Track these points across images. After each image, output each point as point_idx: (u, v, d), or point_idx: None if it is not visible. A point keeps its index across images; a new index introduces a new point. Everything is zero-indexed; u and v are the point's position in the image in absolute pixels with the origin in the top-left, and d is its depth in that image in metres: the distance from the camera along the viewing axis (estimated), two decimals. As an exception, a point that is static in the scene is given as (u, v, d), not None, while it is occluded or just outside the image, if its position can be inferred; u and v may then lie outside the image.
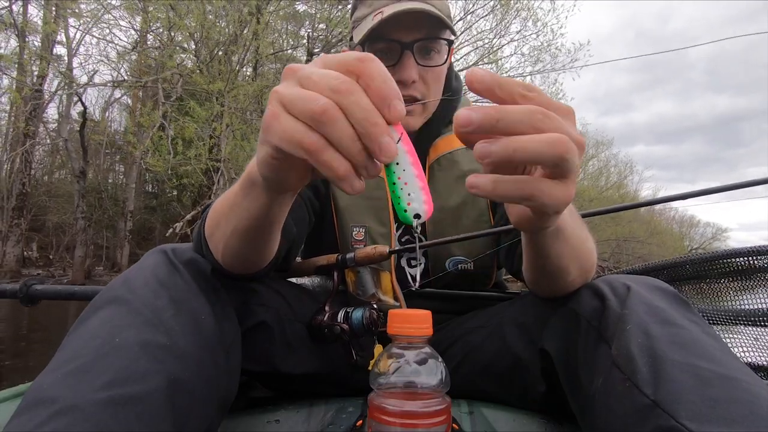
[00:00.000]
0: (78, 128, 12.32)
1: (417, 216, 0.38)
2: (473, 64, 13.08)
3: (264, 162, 0.42)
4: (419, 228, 0.39)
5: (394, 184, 0.37)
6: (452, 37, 0.87)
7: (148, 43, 11.93)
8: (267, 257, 0.62)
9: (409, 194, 0.37)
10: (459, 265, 0.90)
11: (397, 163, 0.37)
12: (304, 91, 0.36)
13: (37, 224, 13.83)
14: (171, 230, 9.10)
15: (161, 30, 11.04)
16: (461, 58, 12.88)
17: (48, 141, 13.44)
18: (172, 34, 10.61)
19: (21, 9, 12.57)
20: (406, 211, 0.38)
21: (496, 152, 0.35)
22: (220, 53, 10.43)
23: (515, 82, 0.38)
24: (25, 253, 12.86)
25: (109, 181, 16.86)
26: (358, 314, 0.72)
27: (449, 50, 0.87)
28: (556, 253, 0.55)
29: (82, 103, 11.35)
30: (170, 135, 9.53)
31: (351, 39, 0.90)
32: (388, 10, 0.80)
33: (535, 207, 0.42)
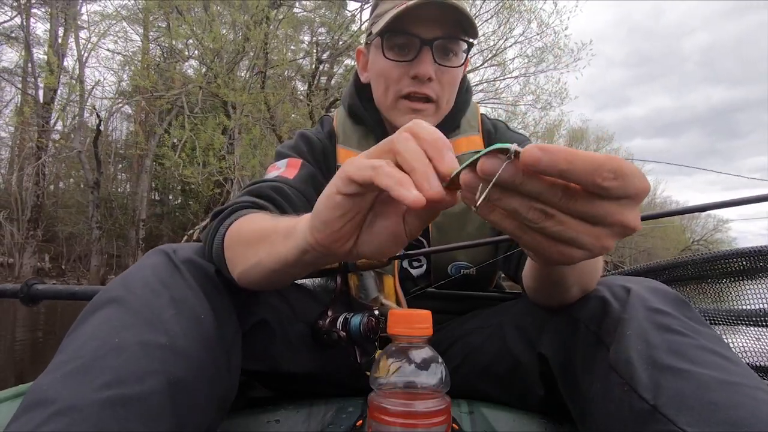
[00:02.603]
0: (84, 137, 12.48)
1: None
2: (479, 66, 13.09)
3: (327, 197, 0.42)
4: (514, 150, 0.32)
5: None
6: (472, 40, 0.85)
7: (161, 56, 12.03)
8: (282, 287, 0.62)
9: None
10: (462, 271, 0.89)
11: None
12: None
13: (48, 235, 13.94)
14: (186, 236, 9.19)
15: (181, 45, 11.13)
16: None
17: (55, 152, 13.49)
18: (192, 50, 10.69)
19: (24, 22, 12.70)
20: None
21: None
22: (237, 64, 10.55)
23: (595, 165, 0.30)
24: (38, 264, 12.99)
25: (119, 190, 16.93)
26: (356, 321, 0.72)
27: (467, 55, 0.86)
28: (563, 275, 0.55)
29: (98, 116, 11.48)
30: (197, 146, 9.70)
31: (369, 34, 0.89)
32: (413, 2, 0.78)
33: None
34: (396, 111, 0.86)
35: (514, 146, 0.32)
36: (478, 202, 0.35)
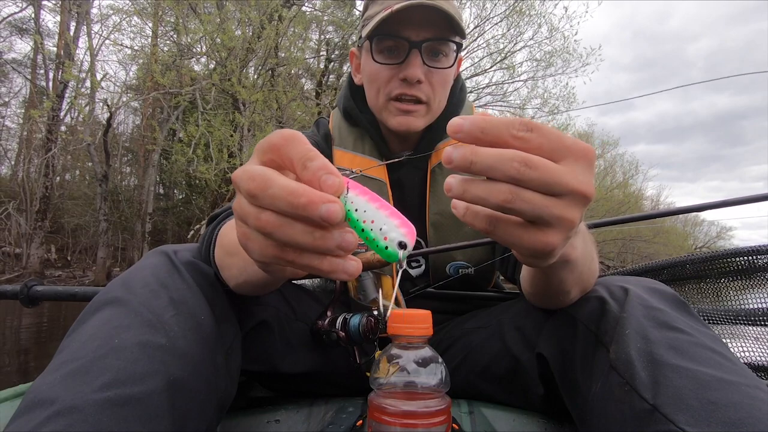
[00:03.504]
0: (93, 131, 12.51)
1: (402, 245, 0.34)
2: (488, 69, 13.11)
3: (261, 268, 0.41)
4: (404, 263, 0.35)
5: (362, 231, 0.35)
6: (461, 41, 0.86)
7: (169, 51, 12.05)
8: (277, 287, 0.63)
9: (381, 229, 0.35)
10: (460, 270, 0.89)
11: (356, 210, 0.35)
12: (246, 207, 0.36)
13: (54, 226, 13.94)
14: (192, 231, 9.20)
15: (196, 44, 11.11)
16: (475, 62, 12.85)
17: (63, 144, 13.48)
18: (205, 47, 10.67)
19: (33, 14, 12.78)
20: (387, 248, 0.35)
21: (455, 160, 0.36)
22: (249, 63, 10.59)
23: (505, 122, 0.35)
24: (45, 255, 13.01)
25: (123, 183, 16.93)
26: (355, 321, 0.72)
27: (457, 56, 0.87)
28: (560, 279, 0.55)
29: (109, 110, 11.49)
30: (211, 142, 9.74)
31: (360, 37, 0.90)
32: (399, 6, 0.79)
33: (510, 246, 0.41)
34: (387, 112, 0.87)
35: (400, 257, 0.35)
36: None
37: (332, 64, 13.11)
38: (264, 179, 0.34)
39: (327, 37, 13.81)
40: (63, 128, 13.48)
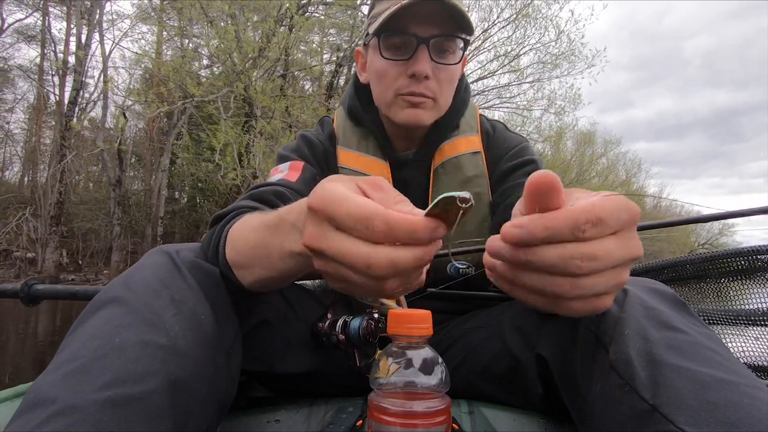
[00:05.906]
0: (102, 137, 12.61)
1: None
2: (496, 72, 13.16)
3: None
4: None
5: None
6: (468, 38, 0.86)
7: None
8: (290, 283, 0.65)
9: None
10: (461, 270, 0.89)
11: None
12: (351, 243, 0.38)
13: (66, 231, 14.01)
14: (205, 235, 9.40)
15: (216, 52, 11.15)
16: (483, 65, 12.92)
17: (77, 152, 13.53)
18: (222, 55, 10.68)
19: (41, 21, 12.91)
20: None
21: (510, 257, 0.37)
22: (267, 70, 10.70)
23: (570, 224, 0.34)
24: (59, 259, 13.10)
25: (132, 187, 17.00)
26: (355, 324, 0.72)
27: (463, 53, 0.87)
28: None
29: (125, 116, 11.57)
30: (234, 149, 9.80)
31: (367, 34, 0.90)
32: (407, 0, 0.79)
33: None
34: (395, 107, 0.86)
35: (463, 194, 0.35)
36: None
37: (341, 67, 13.15)
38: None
39: (330, 40, 13.90)
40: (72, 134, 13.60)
